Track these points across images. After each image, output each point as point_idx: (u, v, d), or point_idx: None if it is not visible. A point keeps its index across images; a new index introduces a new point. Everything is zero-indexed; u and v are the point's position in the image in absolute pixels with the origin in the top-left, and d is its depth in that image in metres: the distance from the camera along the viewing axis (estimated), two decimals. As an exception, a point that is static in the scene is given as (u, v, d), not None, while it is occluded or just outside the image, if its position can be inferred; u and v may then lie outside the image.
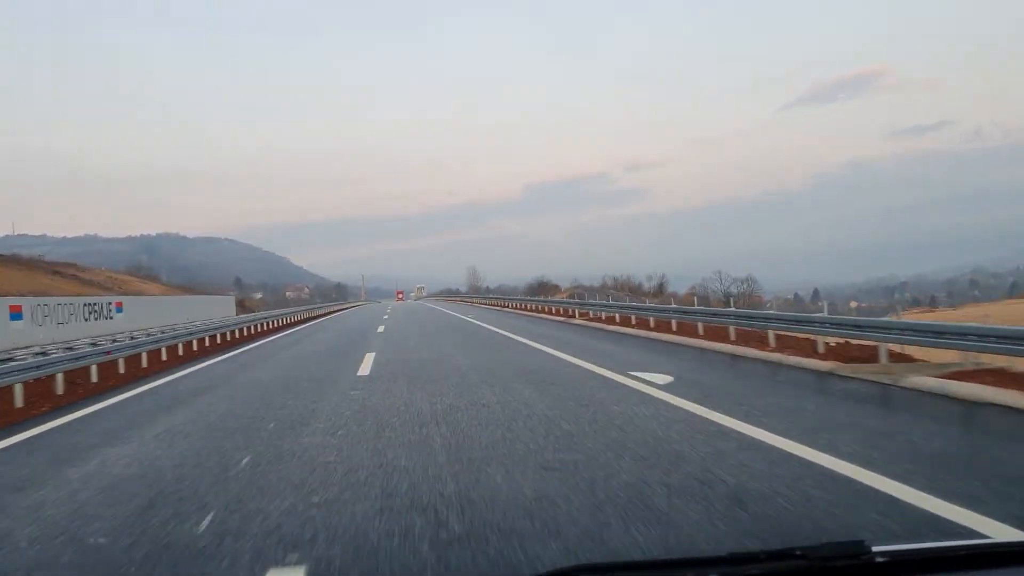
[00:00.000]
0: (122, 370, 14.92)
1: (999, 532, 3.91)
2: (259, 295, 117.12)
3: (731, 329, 16.36)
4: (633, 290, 66.63)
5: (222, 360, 17.58)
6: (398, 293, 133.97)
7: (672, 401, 8.51)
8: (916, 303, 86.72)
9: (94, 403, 10.85)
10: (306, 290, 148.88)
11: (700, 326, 17.85)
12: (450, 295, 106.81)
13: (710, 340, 16.31)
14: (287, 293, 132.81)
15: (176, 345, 19.25)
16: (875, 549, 1.29)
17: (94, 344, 17.58)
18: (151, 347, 17.04)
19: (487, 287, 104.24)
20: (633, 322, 22.95)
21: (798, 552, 1.30)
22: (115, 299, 29.10)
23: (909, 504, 4.39)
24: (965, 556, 1.36)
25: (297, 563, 3.73)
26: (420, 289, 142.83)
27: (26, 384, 11.34)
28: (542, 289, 67.61)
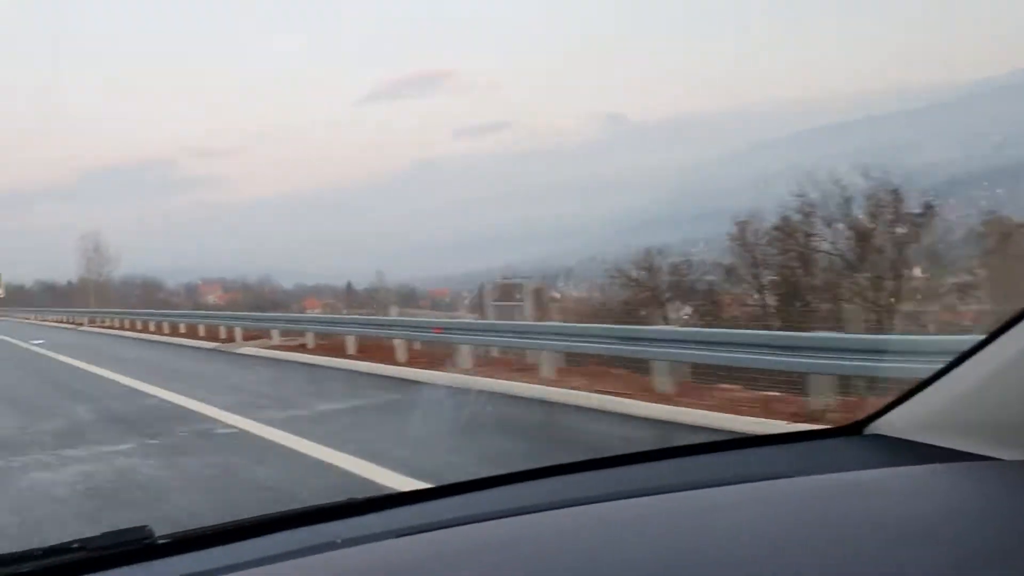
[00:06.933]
0: None
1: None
2: None
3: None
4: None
5: None
6: None
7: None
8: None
9: None
10: None
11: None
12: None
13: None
14: None
15: None
16: (158, 534, 1.30)
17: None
18: None
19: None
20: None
21: (76, 545, 1.24)
22: None
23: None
24: (235, 530, 1.32)
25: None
26: None
27: None
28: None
